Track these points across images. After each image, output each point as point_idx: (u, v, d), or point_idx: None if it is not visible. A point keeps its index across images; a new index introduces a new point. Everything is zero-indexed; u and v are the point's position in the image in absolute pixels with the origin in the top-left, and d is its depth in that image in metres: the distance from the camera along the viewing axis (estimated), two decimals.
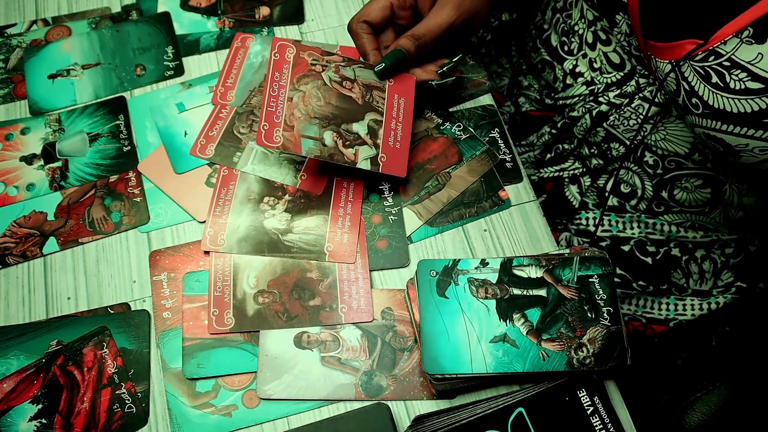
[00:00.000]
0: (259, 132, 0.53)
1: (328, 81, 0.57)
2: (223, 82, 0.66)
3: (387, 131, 0.58)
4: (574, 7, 0.66)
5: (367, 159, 0.56)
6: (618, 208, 0.68)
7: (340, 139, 0.56)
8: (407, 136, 0.59)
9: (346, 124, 0.56)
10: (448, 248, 0.60)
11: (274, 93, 0.55)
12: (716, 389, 0.70)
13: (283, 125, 0.54)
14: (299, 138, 0.54)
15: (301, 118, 0.55)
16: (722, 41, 0.45)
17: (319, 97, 0.56)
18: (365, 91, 0.58)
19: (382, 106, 0.58)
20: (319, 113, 0.56)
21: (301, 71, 0.56)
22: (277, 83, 0.55)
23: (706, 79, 0.48)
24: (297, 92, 0.55)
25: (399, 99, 0.59)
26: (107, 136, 0.65)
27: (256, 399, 0.54)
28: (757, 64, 0.44)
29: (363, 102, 0.57)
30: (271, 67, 0.55)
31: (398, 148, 0.58)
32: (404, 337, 0.55)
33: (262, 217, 0.59)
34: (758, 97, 0.45)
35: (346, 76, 0.58)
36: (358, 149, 0.56)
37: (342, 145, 0.55)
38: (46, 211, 0.62)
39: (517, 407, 0.50)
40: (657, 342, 0.72)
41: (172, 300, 0.57)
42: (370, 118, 0.57)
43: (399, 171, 0.58)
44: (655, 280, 0.68)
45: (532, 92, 0.78)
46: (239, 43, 0.69)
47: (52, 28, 0.72)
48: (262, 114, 0.54)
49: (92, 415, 0.53)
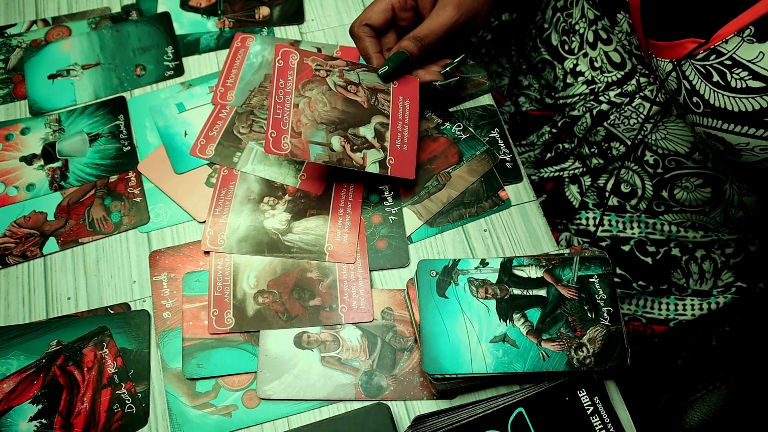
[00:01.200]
0: (267, 140, 0.53)
1: (333, 86, 0.57)
2: (223, 82, 0.66)
3: (394, 134, 0.57)
4: (575, 6, 0.66)
5: (375, 162, 0.56)
6: (618, 208, 0.68)
7: (348, 144, 0.55)
8: (414, 137, 0.59)
9: (353, 128, 0.56)
10: (448, 248, 0.60)
11: (279, 100, 0.55)
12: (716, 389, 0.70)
13: (290, 132, 0.54)
14: (307, 144, 0.54)
15: (308, 124, 0.55)
16: (724, 40, 0.45)
17: (325, 102, 0.56)
18: (370, 95, 0.58)
19: (387, 109, 0.58)
20: (325, 118, 0.56)
21: (306, 77, 0.56)
22: (283, 90, 0.55)
23: (708, 77, 0.48)
24: (303, 98, 0.56)
25: (404, 101, 0.59)
26: (107, 136, 0.65)
27: (256, 399, 0.54)
28: (758, 63, 0.44)
29: (368, 105, 0.57)
30: (276, 74, 0.55)
31: (406, 150, 0.58)
32: (404, 337, 0.55)
33: (262, 217, 0.59)
34: (759, 96, 0.45)
35: (350, 80, 0.58)
36: (366, 153, 0.56)
37: (350, 150, 0.55)
38: (46, 211, 0.62)
39: (517, 407, 0.50)
40: (657, 342, 0.72)
41: (172, 300, 0.57)
42: (377, 122, 0.57)
43: (408, 173, 0.58)
44: (655, 280, 0.68)
45: (532, 92, 0.78)
46: (239, 43, 0.69)
47: (52, 28, 0.72)
48: (269, 122, 0.54)
49: (92, 415, 0.53)
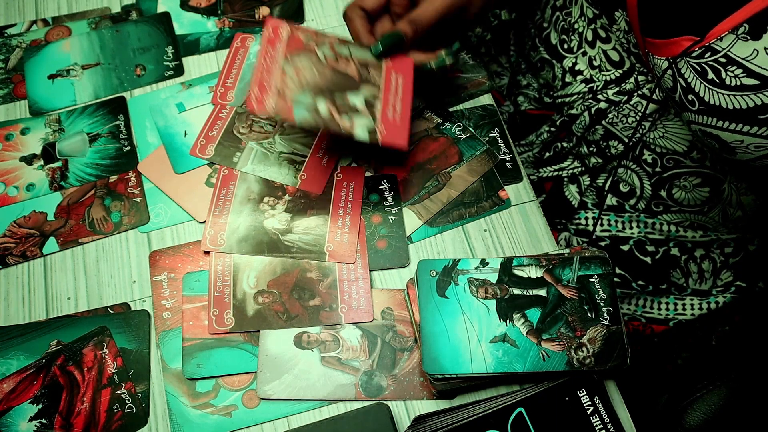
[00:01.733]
0: (249, 98, 0.49)
1: (323, 57, 0.53)
2: (222, 82, 0.66)
3: (385, 104, 0.53)
4: (573, 5, 0.66)
5: (364, 129, 0.51)
6: (617, 208, 0.68)
7: (335, 109, 0.51)
8: (407, 109, 0.54)
9: (341, 94, 0.52)
10: (448, 248, 0.60)
11: (266, 64, 0.51)
12: (716, 389, 0.69)
13: (275, 94, 0.50)
14: (292, 105, 0.50)
15: (294, 88, 0.51)
16: (718, 38, 0.46)
17: (313, 71, 0.52)
18: (361, 68, 0.54)
19: (379, 81, 0.54)
20: (312, 84, 0.52)
21: (295, 47, 0.53)
22: (270, 57, 0.52)
23: (702, 75, 0.48)
24: (290, 66, 0.52)
25: (397, 76, 0.55)
26: (107, 136, 0.65)
27: (256, 399, 0.54)
28: (752, 61, 0.44)
29: (359, 77, 0.54)
30: (264, 42, 0.52)
31: (398, 122, 0.53)
32: (404, 337, 0.55)
33: (262, 217, 0.59)
34: (753, 94, 0.45)
35: (341, 53, 0.54)
36: (354, 119, 0.51)
37: (337, 114, 0.51)
38: (46, 211, 0.62)
39: (517, 407, 0.50)
40: (657, 342, 0.72)
41: (172, 300, 0.57)
42: (367, 91, 0.53)
43: (400, 141, 0.52)
44: (654, 279, 0.68)
45: (531, 91, 0.78)
46: (239, 43, 0.69)
47: (52, 28, 0.72)
48: (254, 84, 0.50)
49: (92, 415, 0.53)
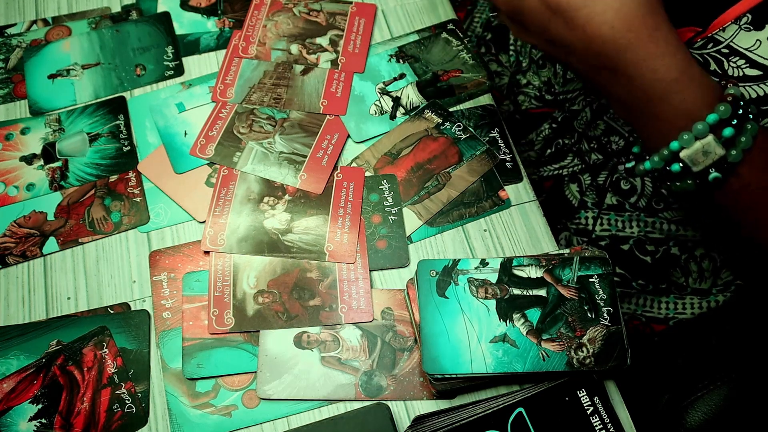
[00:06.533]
0: (236, 47, 0.67)
1: (298, 13, 0.70)
2: (222, 79, 0.66)
3: (347, 41, 0.68)
4: None
5: (327, 61, 0.67)
6: (617, 207, 0.68)
7: (305, 49, 0.67)
8: (366, 43, 0.68)
9: (311, 38, 0.68)
10: (448, 248, 0.60)
11: (252, 23, 0.68)
12: (717, 388, 0.69)
13: (257, 43, 0.68)
14: (270, 50, 0.67)
15: (272, 37, 0.68)
16: (721, 28, 0.45)
17: (289, 24, 0.69)
18: (329, 17, 0.70)
19: (343, 25, 0.69)
20: (287, 33, 0.68)
21: (276, 8, 0.70)
22: (255, 18, 0.69)
23: (705, 66, 0.48)
24: (271, 21, 0.69)
25: (359, 20, 0.70)
26: (107, 136, 0.65)
27: (256, 399, 0.54)
28: (755, 51, 0.44)
29: (326, 23, 0.69)
30: (252, 7, 0.70)
31: (357, 53, 0.68)
32: (404, 337, 0.55)
33: (262, 217, 0.59)
34: (756, 84, 0.45)
35: (312, 8, 0.70)
36: (319, 55, 0.67)
37: (306, 53, 0.67)
38: (46, 211, 0.62)
39: (517, 407, 0.50)
40: (657, 341, 0.72)
41: (172, 300, 0.57)
42: (333, 33, 0.69)
43: (358, 68, 0.67)
44: (654, 278, 0.68)
45: (531, 90, 0.78)
46: (237, 40, 0.69)
47: (52, 28, 0.72)
48: (240, 36, 0.68)
49: (92, 415, 0.53)
